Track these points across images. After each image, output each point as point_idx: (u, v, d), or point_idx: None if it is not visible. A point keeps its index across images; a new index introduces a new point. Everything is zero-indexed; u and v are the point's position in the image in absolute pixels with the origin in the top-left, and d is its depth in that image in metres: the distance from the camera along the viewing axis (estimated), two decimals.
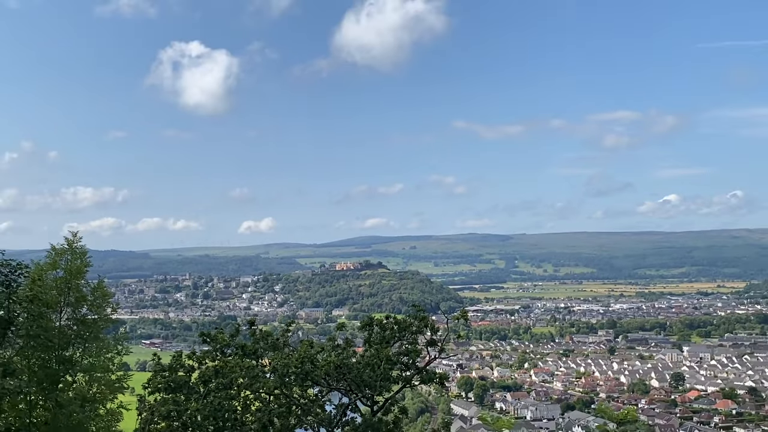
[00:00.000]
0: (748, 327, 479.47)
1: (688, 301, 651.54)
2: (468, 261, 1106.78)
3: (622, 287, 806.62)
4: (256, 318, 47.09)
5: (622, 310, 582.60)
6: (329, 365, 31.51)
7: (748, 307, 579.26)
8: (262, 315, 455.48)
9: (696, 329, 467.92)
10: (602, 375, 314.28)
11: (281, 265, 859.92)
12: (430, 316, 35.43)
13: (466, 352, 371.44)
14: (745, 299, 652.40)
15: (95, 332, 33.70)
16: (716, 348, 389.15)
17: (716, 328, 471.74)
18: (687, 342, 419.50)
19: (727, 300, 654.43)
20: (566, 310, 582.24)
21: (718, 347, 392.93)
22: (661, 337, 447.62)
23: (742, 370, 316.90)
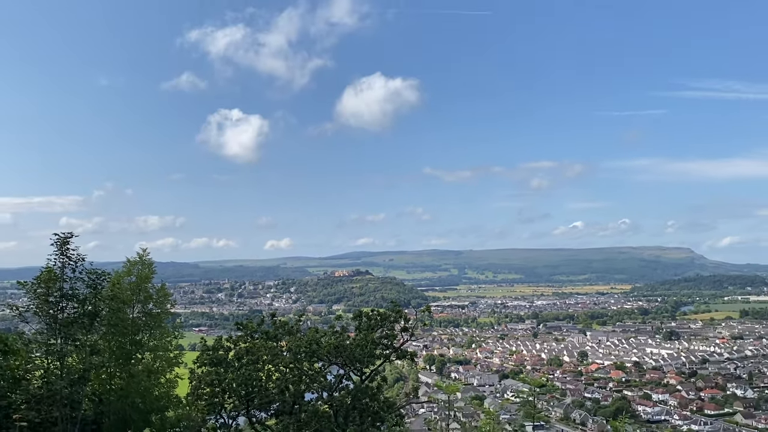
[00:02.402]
0: (633, 317, 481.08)
1: (589, 298, 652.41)
2: (431, 269, 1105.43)
3: (542, 289, 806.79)
4: (276, 311, 46.79)
5: (542, 305, 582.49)
6: (330, 346, 31.37)
7: (633, 303, 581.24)
8: (281, 309, 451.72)
9: (596, 319, 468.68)
10: (528, 353, 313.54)
11: (295, 273, 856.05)
12: (404, 310, 35.26)
13: (430, 336, 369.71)
14: (630, 297, 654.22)
15: (158, 322, 34.00)
16: (610, 333, 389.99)
17: (610, 318, 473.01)
18: (589, 328, 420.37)
19: (617, 298, 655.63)
20: (502, 305, 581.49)
21: (612, 332, 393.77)
22: (570, 324, 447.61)
23: (629, 349, 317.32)
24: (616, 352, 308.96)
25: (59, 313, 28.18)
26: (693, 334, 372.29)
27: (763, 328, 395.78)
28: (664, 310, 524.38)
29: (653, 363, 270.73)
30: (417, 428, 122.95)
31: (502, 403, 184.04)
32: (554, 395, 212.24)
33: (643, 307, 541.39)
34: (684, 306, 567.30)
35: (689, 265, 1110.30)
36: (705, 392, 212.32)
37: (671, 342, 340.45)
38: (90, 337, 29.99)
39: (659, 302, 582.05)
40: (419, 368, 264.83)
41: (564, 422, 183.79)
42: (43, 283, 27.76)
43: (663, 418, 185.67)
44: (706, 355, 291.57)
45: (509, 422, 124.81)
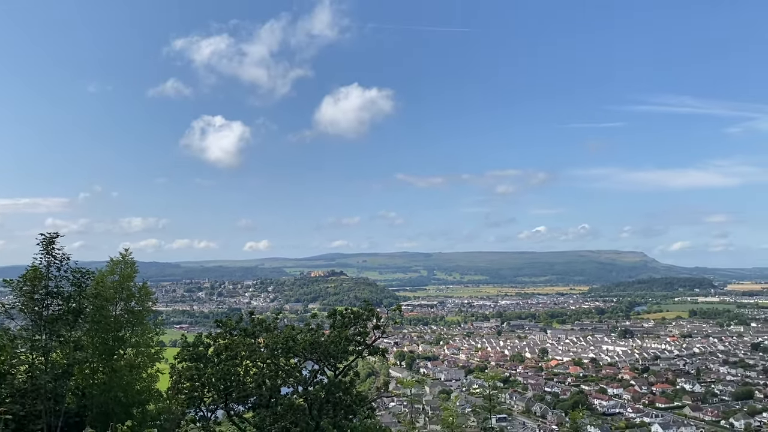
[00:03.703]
0: (590, 317, 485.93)
1: (550, 299, 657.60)
2: (402, 271, 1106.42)
3: (506, 289, 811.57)
4: (254, 309, 46.45)
5: (506, 305, 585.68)
6: (305, 342, 31.32)
7: (590, 304, 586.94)
8: (259, 308, 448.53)
9: (556, 318, 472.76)
10: (492, 349, 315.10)
11: (273, 273, 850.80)
12: (376, 309, 35.28)
13: (401, 333, 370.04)
14: (588, 298, 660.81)
15: (140, 319, 33.73)
16: (569, 331, 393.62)
17: (569, 318, 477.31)
18: (550, 327, 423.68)
19: (576, 298, 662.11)
20: (469, 305, 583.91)
21: (571, 330, 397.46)
22: (532, 323, 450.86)
23: (587, 346, 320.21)
24: (574, 349, 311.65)
25: (44, 310, 27.79)
26: (646, 333, 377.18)
27: (710, 327, 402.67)
28: (619, 310, 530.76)
29: (609, 359, 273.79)
30: (387, 421, 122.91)
31: (464, 394, 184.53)
32: (516, 389, 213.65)
33: (599, 307, 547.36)
34: (637, 306, 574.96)
35: (642, 268, 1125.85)
36: (656, 387, 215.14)
37: (625, 340, 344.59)
38: (74, 333, 29.62)
39: (615, 302, 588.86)
40: (390, 364, 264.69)
41: (525, 415, 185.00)
42: (28, 281, 27.34)
43: (617, 411, 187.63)
44: (658, 352, 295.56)
45: (472, 414, 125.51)
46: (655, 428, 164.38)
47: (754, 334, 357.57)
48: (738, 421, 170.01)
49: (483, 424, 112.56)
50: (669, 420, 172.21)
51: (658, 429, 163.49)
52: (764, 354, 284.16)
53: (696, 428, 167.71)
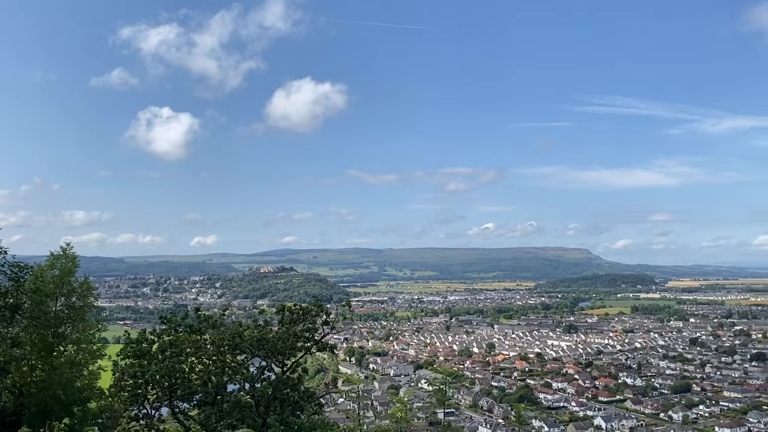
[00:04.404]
0: (536, 312, 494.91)
1: (498, 294, 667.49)
2: (353, 267, 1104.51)
3: (455, 285, 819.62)
4: (201, 306, 45.73)
5: (455, 300, 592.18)
6: (253, 339, 30.99)
7: (536, 299, 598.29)
8: (206, 304, 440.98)
9: (503, 313, 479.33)
10: (441, 344, 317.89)
11: (221, 269, 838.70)
12: (326, 305, 35.15)
13: (351, 329, 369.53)
14: (534, 294, 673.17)
15: (81, 315, 32.78)
16: (516, 326, 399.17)
17: (516, 313, 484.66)
18: (497, 322, 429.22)
19: (523, 294, 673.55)
20: (418, 300, 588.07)
21: (517, 325, 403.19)
22: (480, 318, 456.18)
23: (532, 341, 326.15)
24: (520, 343, 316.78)
25: None
26: (589, 328, 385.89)
27: (651, 322, 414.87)
28: (564, 305, 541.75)
29: (554, 354, 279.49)
30: (336, 417, 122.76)
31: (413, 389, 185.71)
32: (464, 384, 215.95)
33: (545, 303, 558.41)
34: (582, 302, 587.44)
35: (587, 264, 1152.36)
36: (599, 381, 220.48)
37: (570, 335, 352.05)
38: (11, 329, 28.72)
39: (560, 298, 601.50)
40: (340, 360, 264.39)
41: (473, 409, 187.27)
42: None
43: (562, 405, 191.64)
44: (601, 347, 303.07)
45: (421, 410, 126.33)
46: (597, 421, 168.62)
47: (692, 329, 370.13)
48: (676, 413, 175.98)
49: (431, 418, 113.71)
50: (611, 413, 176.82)
51: (600, 422, 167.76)
52: (702, 349, 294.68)
53: (637, 421, 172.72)
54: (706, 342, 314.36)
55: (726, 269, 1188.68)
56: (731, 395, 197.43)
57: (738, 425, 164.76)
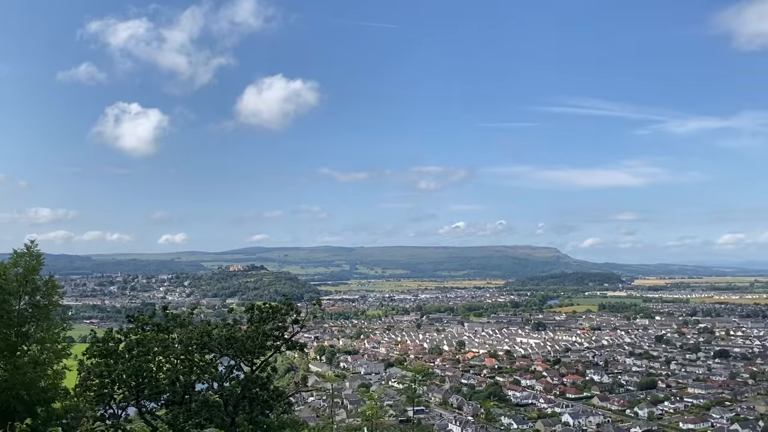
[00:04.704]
0: (506, 310, 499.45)
1: (468, 292, 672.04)
2: (324, 265, 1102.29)
3: (426, 283, 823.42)
4: (169, 304, 45.33)
5: (426, 298, 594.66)
6: (221, 338, 30.78)
7: (506, 297, 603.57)
8: (174, 303, 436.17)
9: (473, 311, 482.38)
10: (412, 342, 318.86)
11: (190, 267, 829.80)
12: (296, 303, 35.04)
13: (321, 328, 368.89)
14: (504, 292, 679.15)
15: (46, 313, 32.10)
16: (486, 324, 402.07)
17: (486, 311, 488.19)
18: (467, 320, 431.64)
19: (492, 292, 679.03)
20: (389, 298, 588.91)
21: (487, 323, 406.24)
22: (450, 316, 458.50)
23: (502, 339, 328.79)
24: (490, 341, 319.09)
25: None
26: (557, 326, 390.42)
27: (617, 320, 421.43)
28: (532, 303, 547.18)
29: (522, 351, 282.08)
30: (306, 416, 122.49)
31: (384, 387, 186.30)
32: (434, 381, 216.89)
33: (514, 301, 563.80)
34: (550, 300, 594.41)
35: (555, 263, 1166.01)
36: (567, 378, 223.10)
37: (539, 332, 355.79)
38: None
39: (529, 296, 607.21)
40: (310, 359, 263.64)
41: (443, 407, 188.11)
42: None
43: (530, 402, 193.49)
44: (569, 344, 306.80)
45: (391, 407, 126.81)
46: (565, 418, 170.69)
47: (658, 327, 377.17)
48: (642, 410, 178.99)
49: (401, 416, 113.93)
50: (579, 410, 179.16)
51: (568, 419, 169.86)
52: (667, 346, 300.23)
53: (603, 417, 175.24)
54: (671, 339, 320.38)
55: (691, 268, 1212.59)
56: (695, 391, 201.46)
57: (701, 421, 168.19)
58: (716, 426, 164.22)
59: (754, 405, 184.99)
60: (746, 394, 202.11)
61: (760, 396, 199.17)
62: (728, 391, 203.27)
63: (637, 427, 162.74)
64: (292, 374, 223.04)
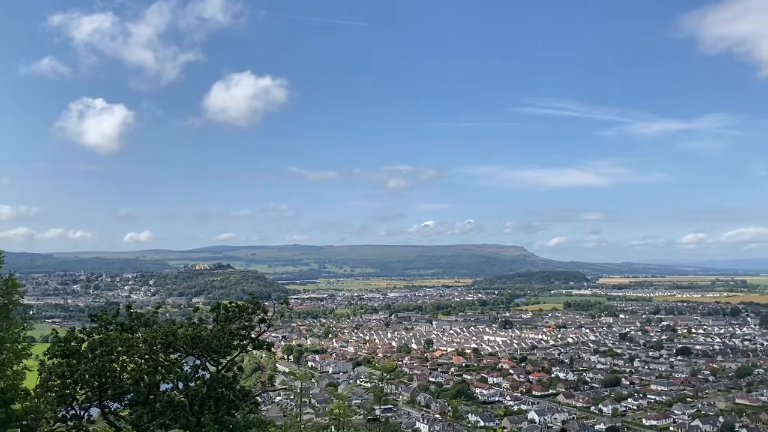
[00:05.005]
0: (474, 308, 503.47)
1: (436, 291, 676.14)
2: (293, 264, 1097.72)
3: (395, 282, 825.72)
4: (133, 303, 44.79)
5: (395, 297, 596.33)
6: (187, 337, 30.35)
7: (473, 296, 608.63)
8: (139, 302, 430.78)
9: (441, 310, 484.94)
10: (380, 341, 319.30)
11: (155, 266, 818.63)
12: (263, 302, 34.77)
13: (289, 327, 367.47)
14: (472, 290, 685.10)
15: (5, 313, 31.35)
16: (453, 322, 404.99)
17: (454, 309, 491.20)
18: (435, 318, 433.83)
19: (461, 291, 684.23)
20: (358, 297, 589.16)
21: (455, 322, 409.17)
22: (419, 315, 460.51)
23: (469, 337, 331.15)
24: (458, 339, 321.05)
25: None
26: (524, 324, 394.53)
27: (582, 318, 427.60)
28: (500, 301, 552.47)
29: (490, 349, 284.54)
30: (273, 415, 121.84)
31: (351, 386, 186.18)
32: (402, 380, 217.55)
33: (482, 299, 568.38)
34: (517, 298, 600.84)
35: (522, 262, 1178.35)
36: (533, 375, 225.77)
37: (505, 330, 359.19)
38: None
39: (496, 295, 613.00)
40: (277, 358, 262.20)
41: (410, 405, 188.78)
42: None
43: (497, 399, 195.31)
44: (535, 342, 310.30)
45: (359, 406, 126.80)
46: (531, 415, 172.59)
47: (622, 324, 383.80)
48: (606, 406, 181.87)
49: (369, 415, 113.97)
50: (544, 407, 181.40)
51: (534, 416, 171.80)
52: (630, 343, 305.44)
53: (568, 414, 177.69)
54: (634, 337, 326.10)
55: (654, 267, 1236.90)
56: (658, 388, 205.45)
57: (664, 417, 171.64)
58: (678, 422, 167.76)
59: (714, 401, 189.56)
60: (707, 390, 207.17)
61: (721, 392, 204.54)
62: (690, 387, 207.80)
63: (602, 424, 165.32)
64: (259, 374, 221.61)
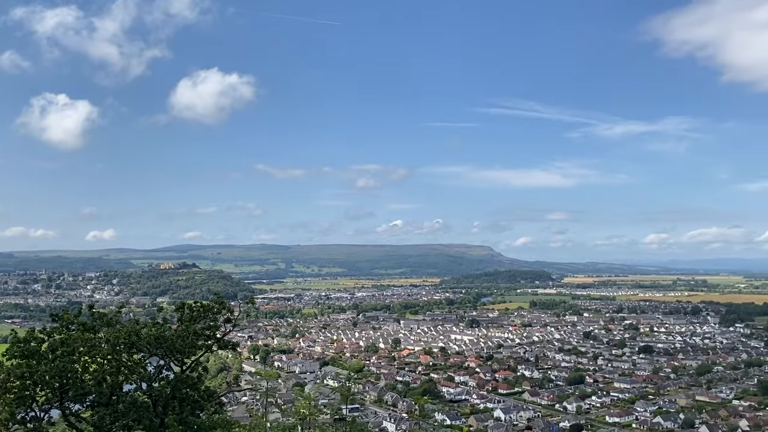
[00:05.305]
0: (441, 307, 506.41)
1: (404, 290, 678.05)
2: (259, 263, 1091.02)
3: (363, 281, 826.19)
4: (96, 303, 44.05)
5: (362, 296, 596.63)
6: (150, 337, 30.06)
7: (441, 295, 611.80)
8: (102, 301, 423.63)
9: (409, 309, 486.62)
10: (348, 341, 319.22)
11: (118, 265, 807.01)
12: (229, 302, 34.56)
13: (256, 327, 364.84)
14: (439, 290, 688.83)
15: None
16: (421, 321, 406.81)
17: (421, 308, 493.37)
18: (403, 317, 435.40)
19: (428, 290, 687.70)
20: (326, 297, 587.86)
21: (423, 321, 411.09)
22: (387, 314, 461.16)
23: (437, 336, 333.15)
24: (425, 338, 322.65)
25: None
26: (491, 322, 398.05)
27: (548, 317, 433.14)
28: (467, 300, 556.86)
29: (457, 348, 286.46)
30: (239, 415, 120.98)
31: (318, 386, 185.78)
32: (370, 379, 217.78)
33: (449, 298, 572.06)
34: (484, 297, 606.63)
35: (489, 261, 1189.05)
36: (499, 374, 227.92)
37: (472, 329, 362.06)
38: None
39: (463, 294, 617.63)
40: (244, 358, 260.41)
41: (377, 404, 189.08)
42: None
43: (464, 398, 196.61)
44: (501, 340, 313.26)
45: (326, 406, 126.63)
46: (497, 413, 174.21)
47: (586, 323, 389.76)
48: (570, 404, 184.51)
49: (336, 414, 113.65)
50: (510, 405, 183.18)
51: (500, 414, 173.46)
52: (594, 342, 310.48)
53: (534, 412, 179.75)
54: (598, 335, 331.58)
55: (617, 266, 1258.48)
56: (621, 386, 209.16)
57: (627, 414, 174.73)
58: (640, 419, 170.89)
59: (675, 398, 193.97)
60: (668, 387, 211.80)
61: (681, 389, 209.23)
62: (652, 385, 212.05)
63: (566, 422, 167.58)
64: (224, 374, 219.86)
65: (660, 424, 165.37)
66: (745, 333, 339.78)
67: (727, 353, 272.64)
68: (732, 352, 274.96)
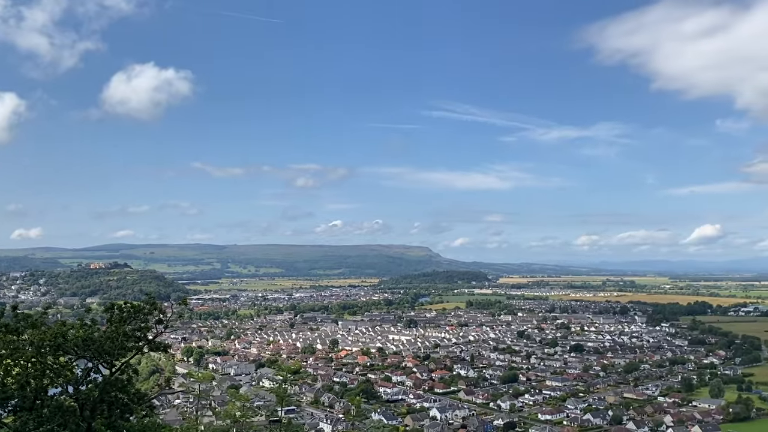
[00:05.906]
0: (380, 308, 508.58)
1: (343, 291, 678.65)
2: (194, 263, 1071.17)
3: (301, 282, 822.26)
4: (21, 304, 42.48)
5: (300, 297, 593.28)
6: (78, 339, 29.29)
7: (380, 295, 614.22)
8: (28, 302, 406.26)
9: (347, 309, 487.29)
10: (285, 342, 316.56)
11: (46, 264, 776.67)
12: (161, 303, 33.94)
13: (189, 328, 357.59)
14: (378, 290, 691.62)
15: None
16: (359, 322, 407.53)
17: (360, 309, 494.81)
18: (341, 318, 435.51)
19: (367, 290, 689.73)
20: (263, 297, 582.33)
21: (361, 321, 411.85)
22: (325, 315, 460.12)
23: (375, 336, 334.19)
24: (363, 339, 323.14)
25: None
26: (428, 323, 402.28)
27: (483, 316, 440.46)
28: (405, 301, 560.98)
29: (394, 348, 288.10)
30: (171, 419, 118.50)
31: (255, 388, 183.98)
32: (306, 381, 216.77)
33: (388, 299, 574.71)
34: (422, 298, 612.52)
35: (428, 262, 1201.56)
36: (436, 373, 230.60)
37: (410, 329, 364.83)
38: None
39: (402, 294, 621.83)
40: (177, 360, 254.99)
41: (314, 405, 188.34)
42: None
43: (400, 398, 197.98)
44: (438, 340, 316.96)
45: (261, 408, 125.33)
46: (433, 412, 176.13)
47: (520, 323, 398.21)
48: (504, 402, 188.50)
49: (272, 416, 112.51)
50: (446, 404, 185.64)
51: (435, 413, 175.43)
52: (528, 341, 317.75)
53: (469, 411, 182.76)
54: (531, 335, 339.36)
55: (551, 267, 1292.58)
56: (553, 384, 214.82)
57: (558, 412, 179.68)
58: (571, 416, 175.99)
59: (604, 396, 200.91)
60: (598, 385, 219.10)
61: (610, 387, 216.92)
62: (582, 383, 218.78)
63: (500, 420, 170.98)
64: (157, 376, 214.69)
65: (590, 420, 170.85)
66: (670, 332, 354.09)
67: (654, 352, 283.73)
68: (658, 351, 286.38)
